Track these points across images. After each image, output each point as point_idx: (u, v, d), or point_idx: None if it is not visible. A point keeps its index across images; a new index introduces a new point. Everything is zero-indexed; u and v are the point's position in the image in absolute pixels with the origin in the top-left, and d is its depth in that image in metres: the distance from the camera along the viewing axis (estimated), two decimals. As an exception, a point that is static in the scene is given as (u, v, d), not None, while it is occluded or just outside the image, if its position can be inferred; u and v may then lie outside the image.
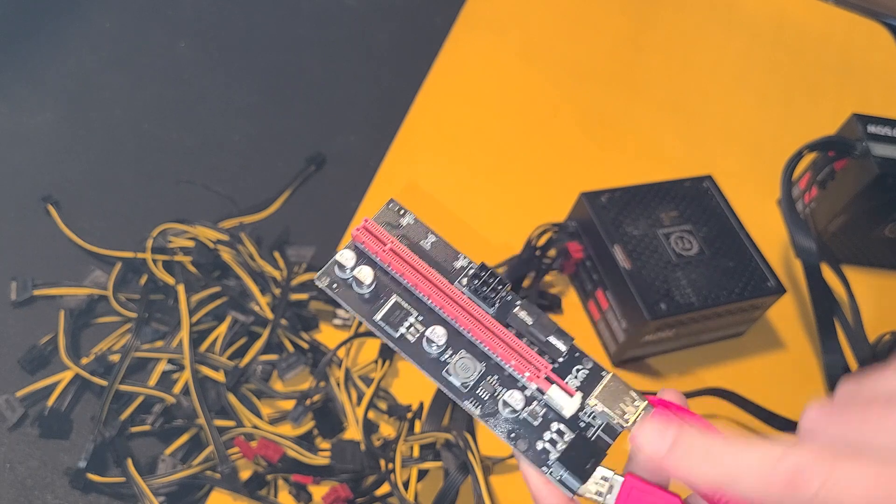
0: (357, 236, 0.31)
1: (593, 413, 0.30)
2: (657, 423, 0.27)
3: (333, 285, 0.31)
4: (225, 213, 0.64)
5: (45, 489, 0.50)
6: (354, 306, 0.30)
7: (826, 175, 0.67)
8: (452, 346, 0.30)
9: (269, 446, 0.51)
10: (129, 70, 0.73)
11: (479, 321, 0.30)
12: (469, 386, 0.30)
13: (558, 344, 0.30)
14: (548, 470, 0.29)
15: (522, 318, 0.30)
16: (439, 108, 0.74)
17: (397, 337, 0.30)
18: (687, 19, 0.86)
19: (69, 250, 0.61)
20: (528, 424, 0.29)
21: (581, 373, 0.30)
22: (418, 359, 0.30)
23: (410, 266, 0.31)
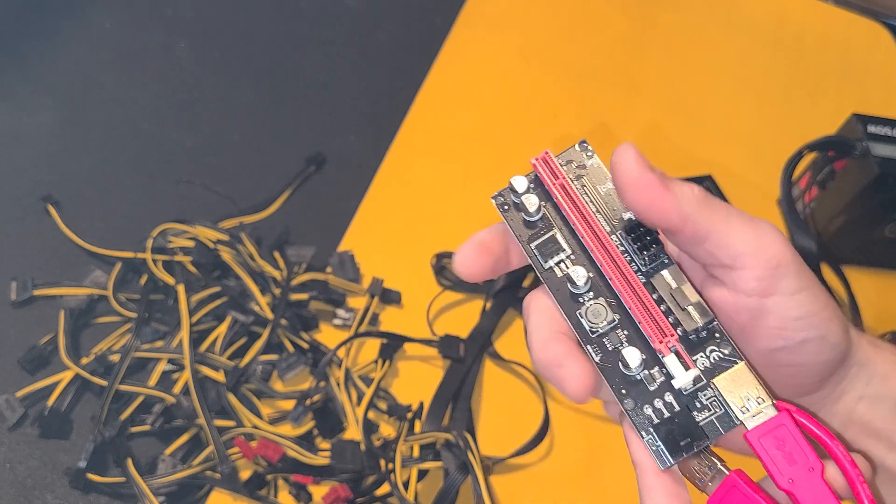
0: (534, 165, 0.32)
1: (713, 398, 0.28)
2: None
3: (504, 207, 0.32)
4: (225, 213, 0.64)
5: (45, 489, 0.50)
6: (516, 229, 0.31)
7: (826, 175, 0.67)
8: (594, 290, 0.30)
9: (269, 446, 0.51)
10: (129, 70, 0.73)
11: (623, 273, 0.30)
12: (597, 332, 0.29)
13: (695, 316, 0.29)
14: (645, 436, 0.28)
15: (667, 281, 0.29)
16: (439, 108, 0.74)
17: (546, 268, 0.31)
18: (687, 19, 0.86)
19: (69, 250, 0.61)
20: (642, 386, 0.29)
21: (714, 354, 0.29)
22: (558, 294, 0.30)
23: (574, 204, 0.31)
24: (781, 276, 0.27)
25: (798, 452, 0.27)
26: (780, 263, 0.27)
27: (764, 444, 0.27)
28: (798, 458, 0.27)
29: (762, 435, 0.27)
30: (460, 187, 0.69)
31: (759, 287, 0.27)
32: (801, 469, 0.27)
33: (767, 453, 0.27)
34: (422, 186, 0.69)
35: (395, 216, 0.66)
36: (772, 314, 0.27)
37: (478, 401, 0.57)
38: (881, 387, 0.29)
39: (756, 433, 0.27)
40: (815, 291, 0.28)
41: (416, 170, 0.70)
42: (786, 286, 0.27)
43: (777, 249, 0.27)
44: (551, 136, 0.75)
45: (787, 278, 0.27)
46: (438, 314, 0.61)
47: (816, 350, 0.28)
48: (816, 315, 0.27)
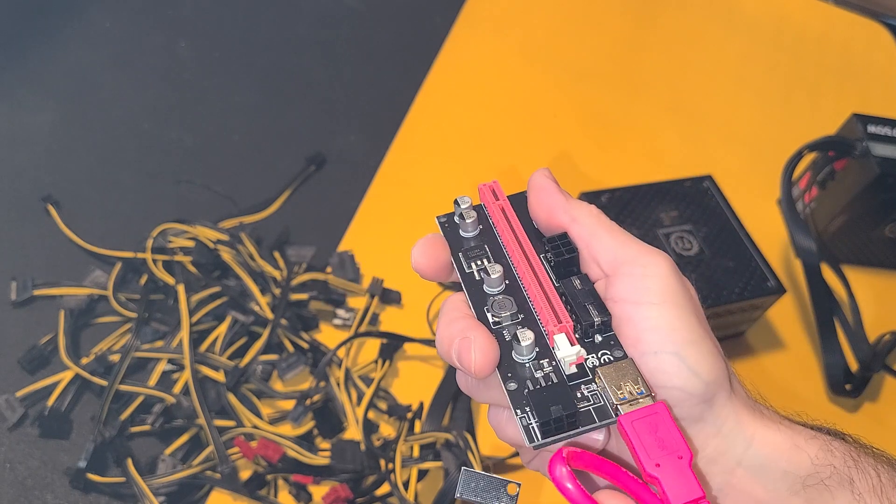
0: (481, 189, 0.35)
1: (595, 391, 0.29)
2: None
3: (446, 225, 0.34)
4: (225, 213, 0.64)
5: (45, 489, 0.50)
6: (452, 240, 0.33)
7: (826, 175, 0.67)
8: (507, 292, 0.32)
9: (269, 446, 0.51)
10: (129, 70, 0.73)
11: (535, 273, 0.31)
12: (499, 324, 0.31)
13: (593, 313, 0.29)
14: (520, 413, 0.28)
15: (574, 284, 0.31)
16: (439, 108, 0.74)
17: (467, 272, 0.32)
18: (687, 19, 0.86)
19: (69, 250, 0.61)
20: (529, 372, 0.29)
21: (605, 357, 0.29)
22: (473, 292, 0.32)
23: (507, 221, 0.33)
24: (647, 286, 0.28)
25: (670, 440, 0.26)
26: (648, 273, 0.28)
27: (636, 429, 0.27)
28: (669, 446, 0.26)
29: (636, 419, 0.27)
30: (460, 187, 0.69)
31: (625, 293, 0.29)
32: (671, 455, 0.26)
33: (638, 437, 0.27)
34: (422, 186, 0.69)
35: (395, 216, 0.66)
36: (631, 322, 0.28)
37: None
38: (764, 455, 0.28)
39: (630, 417, 0.27)
40: (681, 309, 0.28)
41: (416, 170, 0.70)
42: (649, 296, 0.28)
43: (649, 259, 0.29)
44: (551, 135, 0.75)
45: (651, 288, 0.28)
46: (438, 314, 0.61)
47: (672, 370, 0.27)
48: (674, 332, 0.27)
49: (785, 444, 0.28)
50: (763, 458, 0.28)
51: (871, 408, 0.61)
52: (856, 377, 0.60)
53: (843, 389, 0.61)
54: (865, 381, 0.60)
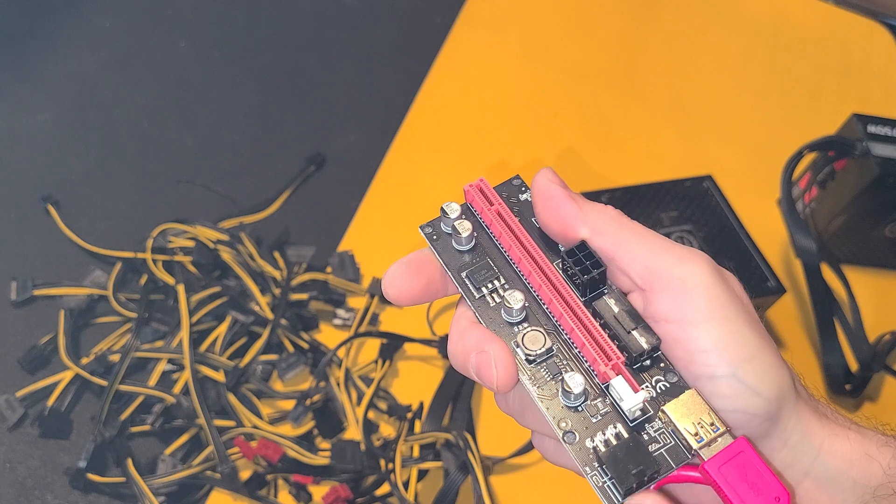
0: (468, 192, 0.30)
1: (662, 430, 0.26)
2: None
3: (434, 237, 0.30)
4: (225, 213, 0.64)
5: (45, 489, 0.50)
6: (446, 258, 0.29)
7: (826, 175, 0.67)
8: (530, 319, 0.28)
9: (269, 446, 0.51)
10: (129, 70, 0.73)
11: (562, 296, 0.28)
12: (534, 360, 0.27)
13: (641, 340, 0.26)
14: (591, 472, 0.25)
15: (609, 305, 0.27)
16: (439, 108, 0.74)
17: (477, 297, 0.29)
18: (687, 19, 0.86)
19: (69, 250, 0.61)
20: (584, 419, 0.26)
21: (660, 384, 0.26)
22: (493, 323, 0.28)
23: (510, 229, 0.29)
24: (690, 300, 0.25)
25: (762, 481, 0.24)
26: (688, 286, 0.25)
27: (725, 474, 0.24)
28: (762, 488, 0.24)
29: (722, 464, 0.24)
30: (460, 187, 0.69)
31: (666, 311, 0.25)
32: (768, 499, 0.24)
33: (729, 484, 0.24)
34: (422, 186, 0.69)
35: (395, 216, 0.66)
36: (679, 343, 0.25)
37: (478, 401, 0.57)
38: (834, 466, 0.26)
39: (715, 462, 0.25)
40: (733, 323, 0.25)
41: (416, 170, 0.70)
42: (694, 312, 0.25)
43: (687, 269, 0.25)
44: (551, 135, 0.75)
45: (695, 303, 0.25)
46: (438, 314, 0.61)
47: (731, 393, 0.25)
48: (728, 350, 0.25)
49: (855, 454, 0.26)
50: (832, 469, 0.26)
51: (871, 408, 0.61)
52: (856, 377, 0.60)
53: (842, 389, 0.61)
54: (865, 381, 0.60)
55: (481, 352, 0.26)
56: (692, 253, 0.26)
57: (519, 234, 0.29)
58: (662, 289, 0.26)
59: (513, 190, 0.32)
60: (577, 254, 0.28)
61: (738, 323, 0.25)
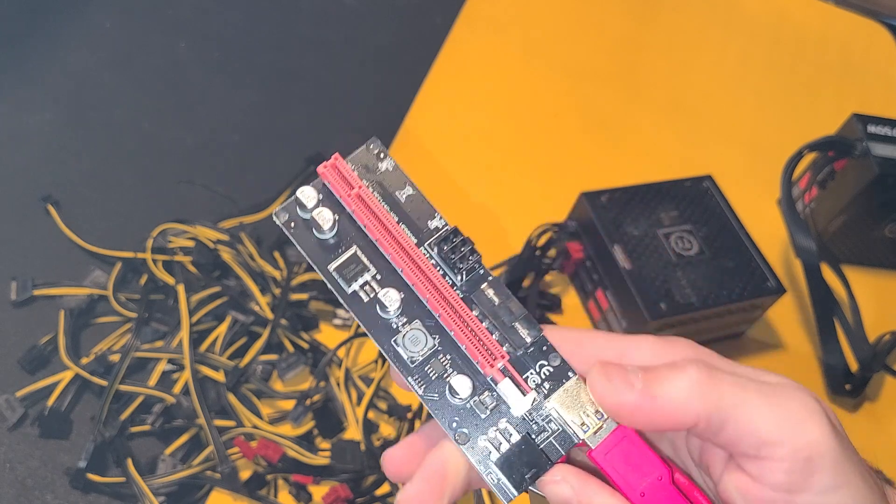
0: (323, 174, 0.28)
1: (548, 417, 0.26)
2: (612, 372, 0.25)
3: (291, 224, 0.28)
4: (225, 212, 0.64)
5: (45, 489, 0.50)
6: (309, 251, 0.27)
7: (826, 175, 0.67)
8: (407, 313, 0.27)
9: (269, 446, 0.51)
10: (129, 70, 0.73)
11: (440, 291, 0.27)
12: (417, 361, 0.27)
13: (523, 333, 0.26)
14: (485, 470, 0.26)
15: (489, 297, 0.27)
16: (439, 108, 0.74)
17: (349, 293, 0.27)
18: (687, 19, 0.86)
19: (69, 250, 0.61)
20: (474, 415, 0.26)
21: (545, 369, 0.27)
22: (368, 321, 0.27)
23: (376, 217, 0.27)
24: (814, 470, 0.23)
25: (645, 463, 0.25)
26: (813, 455, 0.23)
27: (611, 461, 0.26)
28: (646, 469, 0.25)
29: (608, 451, 0.26)
30: (460, 187, 0.69)
31: (787, 481, 0.23)
32: (651, 480, 0.25)
33: (616, 469, 0.25)
34: (421, 186, 0.69)
35: (395, 216, 0.66)
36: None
37: (478, 401, 0.57)
38: None
39: (601, 450, 0.26)
40: (856, 486, 0.23)
41: (416, 170, 0.70)
42: (819, 482, 0.23)
43: (810, 436, 0.23)
44: (551, 135, 0.75)
45: (820, 473, 0.23)
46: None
47: None
48: None
49: None
50: None
51: (871, 408, 0.61)
52: (855, 377, 0.60)
53: (842, 389, 0.61)
54: (865, 381, 0.60)
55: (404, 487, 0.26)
56: (808, 410, 0.23)
57: (387, 223, 0.27)
58: (782, 458, 0.23)
59: (371, 159, 0.29)
60: (451, 239, 0.27)
61: (859, 484, 0.23)
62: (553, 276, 0.65)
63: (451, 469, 0.26)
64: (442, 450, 0.26)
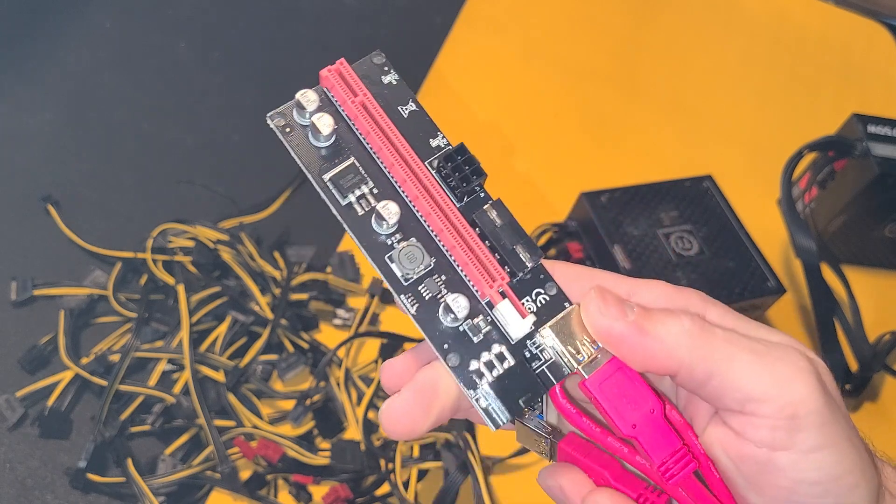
0: (325, 78, 0.27)
1: (542, 346, 0.26)
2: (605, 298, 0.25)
3: (287, 129, 0.27)
4: (225, 213, 0.64)
5: (45, 489, 0.50)
6: (304, 158, 0.26)
7: (826, 175, 0.67)
8: (404, 230, 0.26)
9: (269, 446, 0.51)
10: (129, 70, 0.73)
11: (440, 208, 0.26)
12: (411, 279, 0.25)
13: (524, 256, 0.25)
14: (475, 394, 0.25)
15: (491, 218, 0.26)
16: (439, 108, 0.74)
17: (344, 205, 0.26)
18: (687, 19, 0.86)
19: (69, 250, 0.61)
20: (466, 339, 0.25)
21: (541, 297, 0.26)
22: (362, 235, 0.25)
23: (378, 127, 0.26)
24: (799, 428, 0.23)
25: (638, 395, 0.25)
26: (798, 413, 0.23)
27: (604, 391, 0.25)
28: (639, 402, 0.25)
29: (601, 381, 0.25)
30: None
31: (770, 438, 0.23)
32: (643, 412, 0.25)
33: (608, 400, 0.25)
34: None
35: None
36: (782, 472, 0.23)
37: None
38: None
39: (595, 380, 0.25)
40: (841, 449, 0.23)
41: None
42: (803, 441, 0.23)
43: (796, 395, 0.23)
44: (551, 135, 0.75)
45: (804, 432, 0.23)
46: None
47: None
48: (837, 481, 0.23)
49: None
50: None
51: (871, 408, 0.61)
52: (856, 377, 0.60)
53: (843, 389, 0.61)
54: (865, 381, 0.60)
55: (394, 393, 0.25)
56: (797, 368, 0.23)
57: (389, 134, 0.26)
58: (766, 415, 0.23)
59: (375, 71, 0.28)
60: (455, 158, 0.26)
61: (845, 447, 0.23)
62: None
63: (442, 387, 0.25)
64: (436, 367, 0.26)
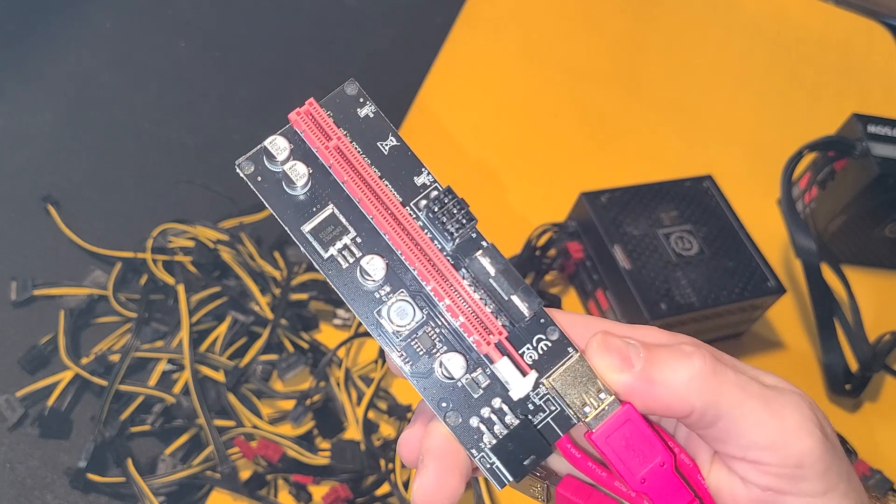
0: (296, 122, 0.25)
1: (547, 396, 0.24)
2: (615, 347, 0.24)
3: (258, 178, 0.25)
4: (225, 212, 0.64)
5: (45, 489, 0.50)
6: (279, 210, 0.25)
7: (826, 175, 0.67)
8: (392, 282, 0.24)
9: (269, 446, 0.51)
10: (129, 70, 0.73)
11: (429, 259, 0.24)
12: (403, 335, 0.24)
13: (521, 306, 0.24)
14: (477, 454, 0.24)
15: (484, 266, 0.24)
16: (439, 108, 0.74)
17: (326, 258, 0.24)
18: (687, 19, 0.86)
19: (69, 250, 0.61)
20: (465, 394, 0.24)
21: (542, 344, 0.24)
22: (347, 290, 0.24)
23: (356, 173, 0.24)
24: (804, 477, 0.23)
25: (647, 447, 0.24)
26: (804, 463, 0.23)
27: (612, 445, 0.24)
28: (648, 455, 0.24)
29: (609, 434, 0.24)
30: (459, 187, 0.69)
31: (776, 484, 0.23)
32: (653, 466, 0.24)
33: (616, 454, 0.24)
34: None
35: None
36: None
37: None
38: None
39: (602, 434, 0.24)
40: (842, 491, 0.23)
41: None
42: (807, 488, 0.23)
43: (803, 445, 0.23)
44: (551, 135, 0.75)
45: (808, 480, 0.23)
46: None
47: None
48: None
49: None
50: None
51: (871, 408, 0.61)
52: (856, 377, 0.60)
53: (842, 389, 0.61)
54: (865, 381, 0.60)
55: (423, 464, 0.24)
56: (802, 417, 0.23)
57: (369, 181, 0.24)
58: (771, 463, 0.23)
59: (349, 104, 0.26)
60: (444, 201, 0.25)
61: (845, 489, 0.23)
62: (553, 276, 0.65)
63: (457, 444, 0.24)
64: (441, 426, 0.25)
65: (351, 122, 0.26)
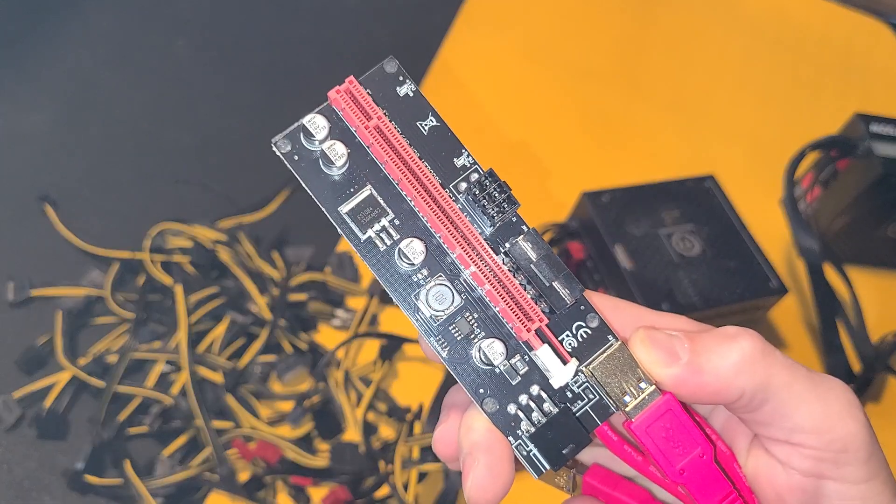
0: (335, 101, 0.25)
1: (585, 384, 0.24)
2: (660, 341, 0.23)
3: (295, 157, 0.24)
4: (223, 212, 0.63)
5: (42, 490, 0.50)
6: (316, 190, 0.24)
7: (829, 174, 0.66)
8: (430, 266, 0.24)
9: (268, 448, 0.51)
10: (128, 70, 0.73)
11: (470, 243, 0.24)
12: (440, 320, 0.24)
13: (563, 292, 0.24)
14: (514, 441, 0.24)
15: (525, 250, 0.24)
16: (439, 108, 0.74)
17: (363, 240, 0.24)
18: (689, 18, 0.86)
19: (67, 250, 0.60)
20: (503, 381, 0.24)
21: (582, 331, 0.24)
22: (384, 273, 0.24)
23: (397, 154, 0.24)
24: (848, 461, 0.23)
25: (687, 438, 0.24)
26: (847, 448, 0.23)
27: (652, 435, 0.24)
28: (688, 445, 0.24)
29: (649, 424, 0.24)
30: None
31: (817, 469, 0.23)
32: (693, 457, 0.24)
33: (655, 444, 0.24)
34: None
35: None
36: (828, 501, 0.23)
37: (478, 402, 0.57)
38: None
39: (642, 423, 0.24)
40: (883, 480, 0.23)
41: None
42: (851, 473, 0.23)
43: (847, 430, 0.23)
44: (552, 135, 0.74)
45: (851, 466, 0.23)
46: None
47: None
48: None
49: None
50: None
51: (874, 408, 0.61)
52: (858, 378, 0.60)
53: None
54: (868, 381, 0.60)
55: (470, 456, 0.24)
56: (847, 402, 0.23)
57: (409, 162, 0.24)
58: (813, 447, 0.23)
59: (388, 82, 0.26)
60: (485, 184, 0.24)
61: (885, 477, 0.23)
62: (554, 277, 0.64)
63: (500, 434, 0.24)
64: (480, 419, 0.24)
65: (390, 100, 0.25)
